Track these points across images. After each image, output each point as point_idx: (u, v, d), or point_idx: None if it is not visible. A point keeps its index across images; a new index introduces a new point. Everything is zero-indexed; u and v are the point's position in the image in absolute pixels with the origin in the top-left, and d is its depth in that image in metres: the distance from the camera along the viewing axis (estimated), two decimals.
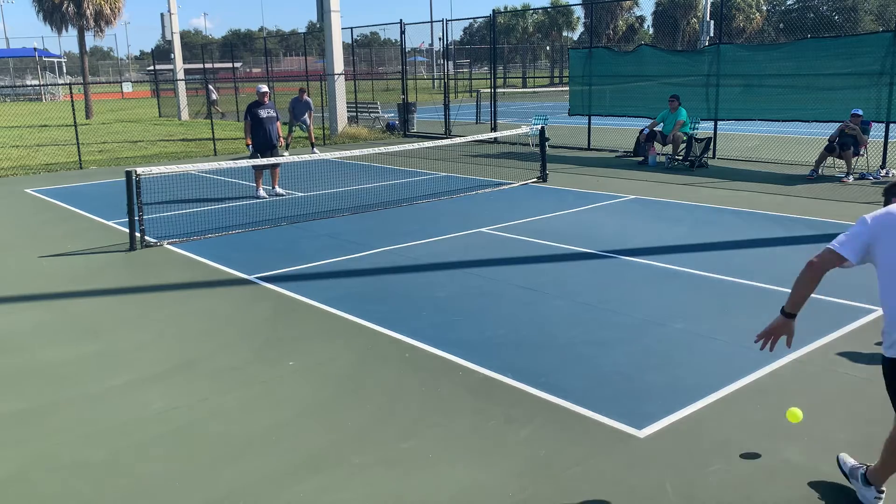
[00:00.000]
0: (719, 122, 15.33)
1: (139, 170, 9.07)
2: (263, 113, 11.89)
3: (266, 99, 12.01)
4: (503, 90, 29.24)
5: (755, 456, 3.94)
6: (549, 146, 14.87)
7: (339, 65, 21.64)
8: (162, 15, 31.65)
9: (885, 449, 3.51)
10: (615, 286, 6.96)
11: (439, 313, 6.33)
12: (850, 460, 3.75)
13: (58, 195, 12.97)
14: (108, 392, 4.98)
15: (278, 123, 12.19)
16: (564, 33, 67.22)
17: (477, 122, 24.93)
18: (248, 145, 11.92)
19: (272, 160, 11.80)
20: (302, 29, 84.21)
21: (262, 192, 12.12)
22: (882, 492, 3.54)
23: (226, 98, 34.72)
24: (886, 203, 3.49)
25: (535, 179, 12.99)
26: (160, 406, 4.75)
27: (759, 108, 14.51)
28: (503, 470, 3.88)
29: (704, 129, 15.37)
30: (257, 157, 11.70)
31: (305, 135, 18.24)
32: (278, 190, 12.32)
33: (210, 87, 32.57)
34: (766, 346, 3.47)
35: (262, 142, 11.87)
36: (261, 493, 3.75)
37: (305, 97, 17.83)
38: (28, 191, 13.58)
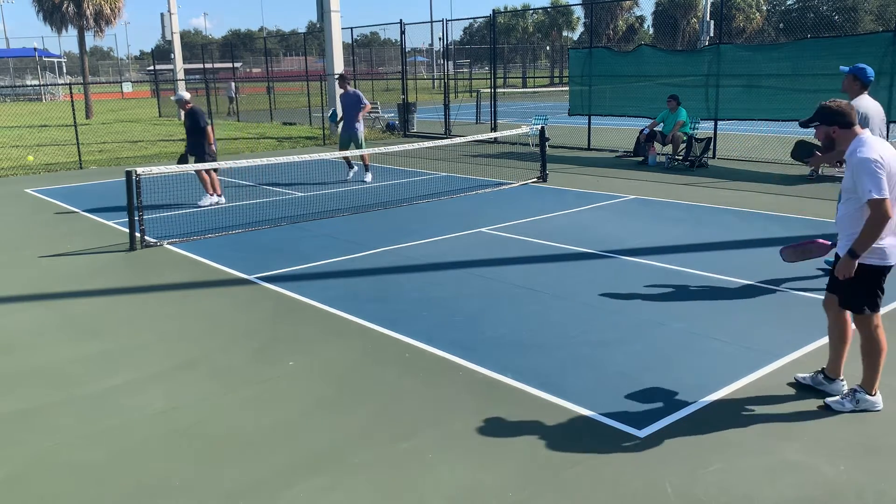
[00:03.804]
0: (719, 122, 15.33)
1: (139, 170, 9.08)
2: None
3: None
4: (503, 90, 29.25)
5: (755, 456, 3.94)
6: (549, 146, 14.86)
7: (339, 65, 21.64)
8: (162, 15, 31.62)
9: (869, 356, 4.39)
10: (615, 286, 6.96)
11: (439, 313, 6.33)
12: (837, 398, 4.50)
13: (58, 195, 12.97)
14: (108, 392, 4.99)
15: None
16: (564, 33, 67.26)
17: (477, 122, 24.93)
18: (210, 144, 11.33)
19: (214, 164, 11.00)
20: (302, 29, 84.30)
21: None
22: (842, 379, 4.57)
23: (225, 98, 34.71)
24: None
25: (535, 179, 12.99)
26: (160, 406, 4.75)
27: (759, 108, 14.50)
28: (503, 470, 3.88)
29: (704, 129, 15.36)
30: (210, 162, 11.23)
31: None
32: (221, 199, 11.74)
33: (232, 84, 32.69)
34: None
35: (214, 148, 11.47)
36: (261, 493, 3.75)
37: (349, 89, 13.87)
38: (28, 191, 13.58)
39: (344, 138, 13.65)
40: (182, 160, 11.50)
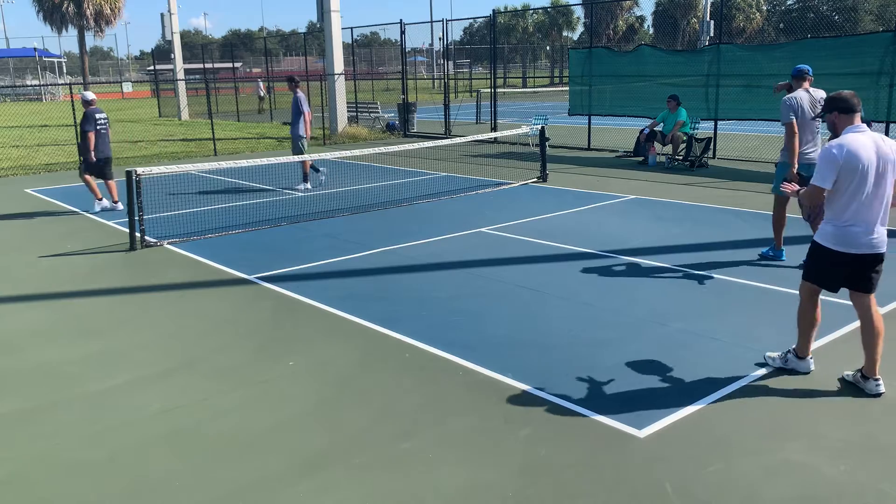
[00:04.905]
0: (719, 122, 15.33)
1: (139, 170, 9.07)
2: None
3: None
4: (503, 90, 29.25)
5: (755, 456, 3.94)
6: (549, 146, 14.87)
7: (339, 65, 21.65)
8: (162, 15, 31.65)
9: (798, 323, 4.85)
10: (615, 286, 6.96)
11: (439, 313, 6.33)
12: (774, 354, 5.03)
13: (58, 195, 12.96)
14: (108, 392, 4.99)
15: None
16: (564, 33, 67.28)
17: (477, 122, 24.93)
18: (89, 151, 10.87)
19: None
20: (302, 29, 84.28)
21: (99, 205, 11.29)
22: (811, 358, 4.90)
23: (225, 98, 34.73)
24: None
25: (535, 179, 12.99)
26: (160, 406, 4.75)
27: (759, 108, 14.49)
28: (503, 470, 3.88)
29: (704, 129, 15.36)
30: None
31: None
32: (119, 206, 11.29)
33: (260, 82, 32.74)
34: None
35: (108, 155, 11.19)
36: (261, 493, 3.75)
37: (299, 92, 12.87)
38: (28, 191, 13.58)
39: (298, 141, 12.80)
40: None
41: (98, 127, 11.00)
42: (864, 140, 4.40)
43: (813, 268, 4.72)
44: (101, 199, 11.33)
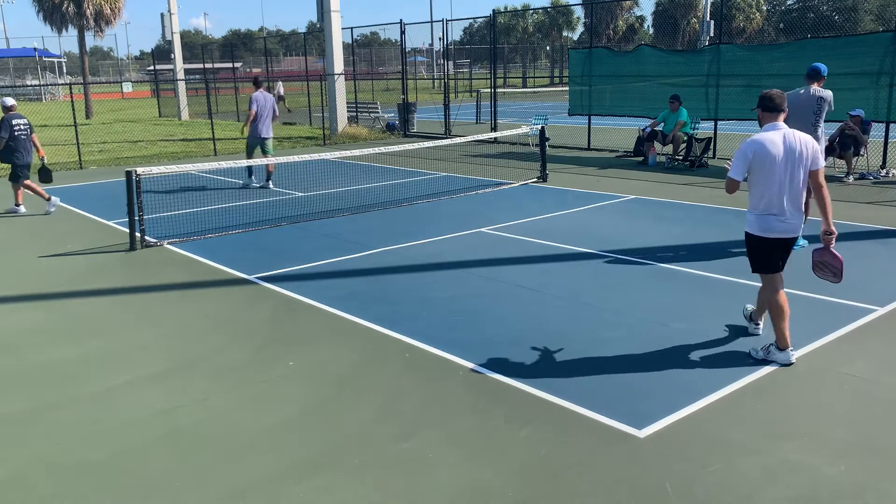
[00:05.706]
0: (719, 122, 15.33)
1: (139, 170, 9.07)
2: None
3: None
4: (503, 90, 29.24)
5: (755, 456, 3.94)
6: (549, 146, 14.87)
7: (339, 65, 21.65)
8: (162, 15, 31.65)
9: (770, 317, 5.09)
10: (615, 286, 6.96)
11: (439, 313, 6.33)
12: (758, 347, 5.20)
13: (57, 195, 12.92)
14: (108, 392, 4.99)
15: None
16: (564, 33, 67.25)
17: (477, 122, 24.93)
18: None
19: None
20: (302, 29, 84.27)
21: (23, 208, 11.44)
22: (791, 350, 5.06)
23: (225, 98, 34.74)
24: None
25: (535, 179, 12.99)
26: (160, 406, 4.75)
27: None
28: (503, 470, 3.88)
29: (704, 129, 15.37)
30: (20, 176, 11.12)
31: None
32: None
33: (279, 83, 32.43)
34: None
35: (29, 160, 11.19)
36: (261, 493, 3.75)
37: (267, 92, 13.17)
38: (28, 191, 13.55)
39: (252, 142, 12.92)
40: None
41: (17, 133, 11.03)
42: (774, 137, 4.93)
43: (750, 255, 5.19)
44: (49, 199, 11.34)
